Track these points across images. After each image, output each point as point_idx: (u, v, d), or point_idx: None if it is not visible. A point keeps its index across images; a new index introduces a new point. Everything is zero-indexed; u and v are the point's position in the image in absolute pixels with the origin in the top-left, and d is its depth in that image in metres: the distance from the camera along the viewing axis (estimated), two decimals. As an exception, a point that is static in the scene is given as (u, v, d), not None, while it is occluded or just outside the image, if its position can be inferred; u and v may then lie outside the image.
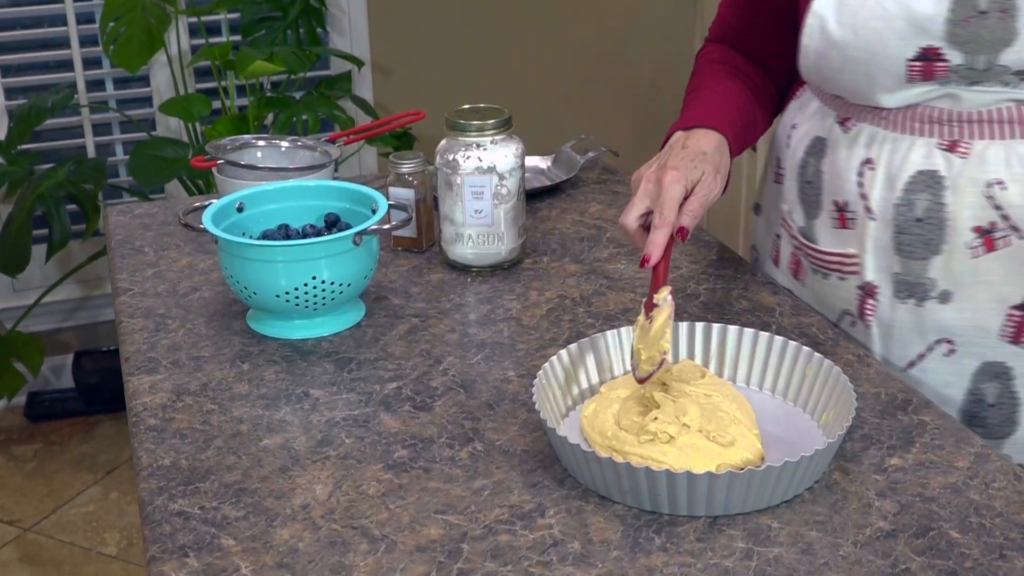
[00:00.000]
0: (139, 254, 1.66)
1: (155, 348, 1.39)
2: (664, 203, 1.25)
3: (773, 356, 1.25)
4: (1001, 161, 1.26)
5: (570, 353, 1.24)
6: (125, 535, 2.83)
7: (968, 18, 1.22)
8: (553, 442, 1.13)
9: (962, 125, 1.28)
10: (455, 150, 1.53)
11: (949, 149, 1.28)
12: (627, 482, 1.06)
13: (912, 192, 1.30)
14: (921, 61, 1.25)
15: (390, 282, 1.55)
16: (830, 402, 1.19)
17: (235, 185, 1.66)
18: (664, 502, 1.06)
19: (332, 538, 1.05)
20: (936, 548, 1.03)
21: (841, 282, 1.40)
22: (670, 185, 1.26)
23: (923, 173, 1.30)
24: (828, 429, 1.17)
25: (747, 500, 1.06)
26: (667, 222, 1.24)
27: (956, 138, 1.28)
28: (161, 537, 1.06)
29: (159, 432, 1.22)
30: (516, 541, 1.04)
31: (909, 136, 1.31)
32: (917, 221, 1.31)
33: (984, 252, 1.29)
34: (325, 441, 1.20)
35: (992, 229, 1.28)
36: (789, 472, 1.06)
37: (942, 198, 1.29)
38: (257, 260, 1.37)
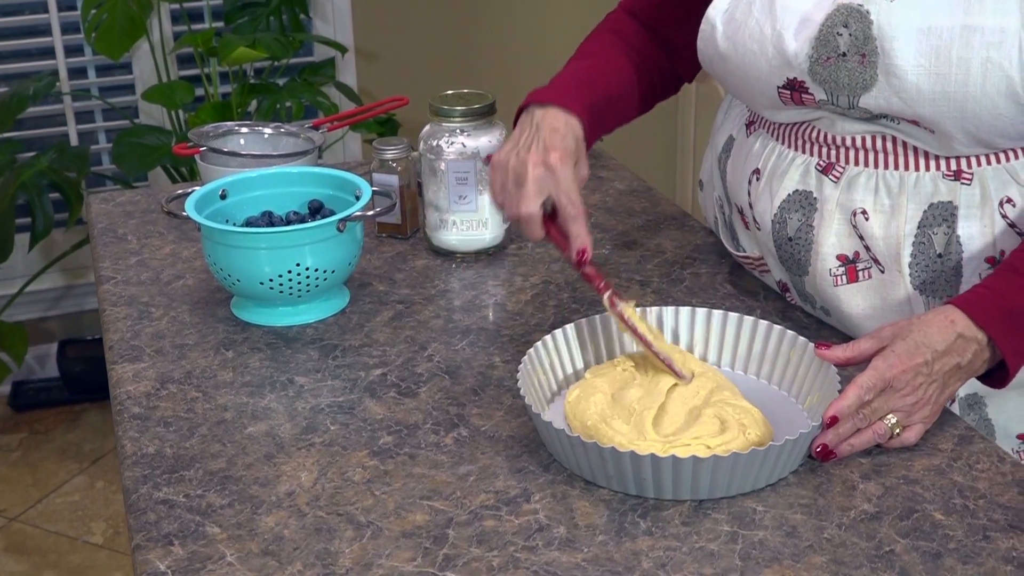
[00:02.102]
0: (122, 242, 1.65)
1: (139, 336, 1.39)
2: (570, 189, 1.25)
3: (757, 340, 1.26)
4: (868, 190, 1.24)
5: (555, 338, 1.24)
6: (111, 524, 2.82)
7: (828, 58, 1.20)
8: (538, 427, 1.13)
9: (838, 149, 1.26)
10: (439, 136, 1.53)
11: (824, 171, 1.27)
12: (612, 467, 1.07)
13: (786, 210, 1.30)
14: (789, 90, 1.24)
15: (374, 268, 1.55)
16: (814, 386, 1.19)
17: (218, 172, 1.65)
18: (649, 486, 1.07)
19: (318, 525, 1.05)
20: (920, 530, 1.03)
21: (765, 277, 1.43)
22: (563, 169, 1.25)
23: (799, 193, 1.29)
24: (813, 412, 1.18)
25: (732, 484, 1.06)
26: (581, 209, 1.24)
27: (832, 160, 1.26)
28: (146, 525, 1.06)
29: (143, 420, 1.22)
30: (502, 526, 1.04)
31: (792, 152, 1.30)
32: (789, 240, 1.31)
33: (846, 282, 1.28)
34: (310, 428, 1.20)
35: (855, 259, 1.27)
36: (774, 455, 1.06)
37: (811, 220, 1.28)
38: (241, 247, 1.36)
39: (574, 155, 1.28)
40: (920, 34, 1.15)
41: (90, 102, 3.20)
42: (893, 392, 1.11)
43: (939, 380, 1.12)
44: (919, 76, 1.15)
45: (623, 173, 1.86)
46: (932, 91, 1.15)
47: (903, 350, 1.11)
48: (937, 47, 1.14)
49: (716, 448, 1.09)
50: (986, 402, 1.31)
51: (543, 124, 1.30)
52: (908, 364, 1.11)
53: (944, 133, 1.18)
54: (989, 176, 1.22)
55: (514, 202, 1.27)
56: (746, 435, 1.11)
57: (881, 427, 1.12)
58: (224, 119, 2.82)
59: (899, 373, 1.10)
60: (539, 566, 1.00)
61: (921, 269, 1.24)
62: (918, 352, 1.11)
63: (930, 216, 1.23)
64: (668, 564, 1.00)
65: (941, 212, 1.23)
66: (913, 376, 1.11)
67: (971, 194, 1.22)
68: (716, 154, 1.45)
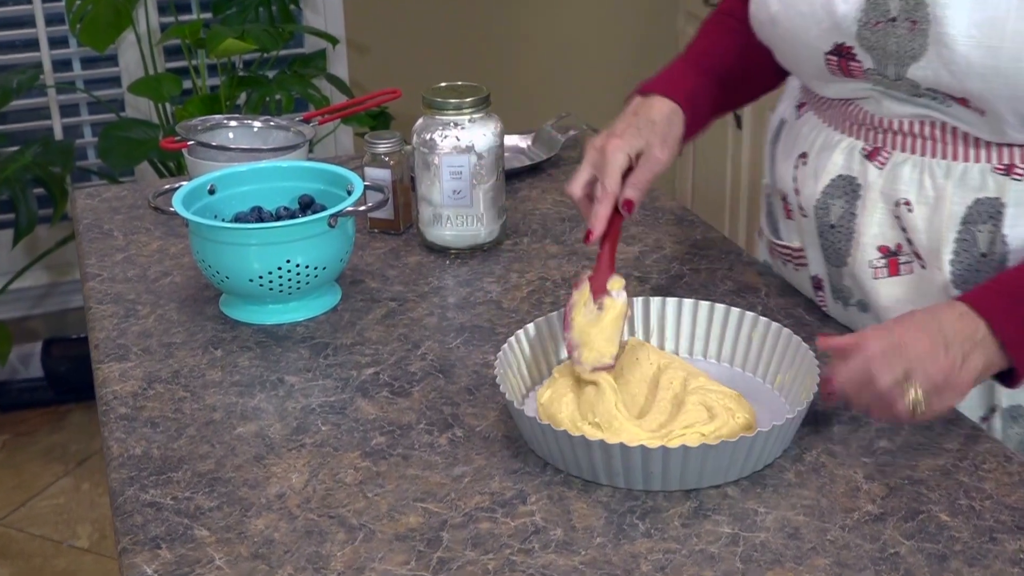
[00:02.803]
0: (108, 238, 1.65)
1: (125, 335, 1.39)
2: (606, 173, 1.25)
3: (715, 324, 1.28)
4: (913, 179, 1.22)
5: (538, 327, 1.25)
6: (97, 527, 2.82)
7: (878, 23, 1.17)
8: (521, 425, 1.14)
9: (884, 133, 1.24)
10: (432, 129, 1.53)
11: (869, 157, 1.25)
12: (600, 459, 1.07)
13: (830, 196, 1.29)
14: (836, 56, 1.22)
15: (366, 265, 1.55)
16: (783, 364, 1.21)
17: (206, 167, 1.65)
18: (657, 480, 1.08)
19: (309, 528, 1.05)
20: (925, 531, 1.03)
21: (796, 272, 1.42)
22: (612, 153, 1.25)
23: (843, 178, 1.27)
24: (786, 390, 1.20)
25: (731, 469, 1.08)
26: (608, 193, 1.24)
27: (879, 145, 1.24)
28: (133, 528, 1.06)
29: (130, 421, 1.22)
30: (497, 529, 1.04)
31: (839, 134, 1.28)
32: (831, 227, 1.30)
33: (887, 275, 1.26)
34: (301, 428, 1.20)
35: (897, 251, 1.25)
36: (775, 435, 1.08)
37: (854, 207, 1.27)
38: (229, 243, 1.36)
39: (639, 141, 1.27)
40: (975, 2, 1.11)
41: (75, 95, 3.20)
42: (907, 349, 1.08)
43: (958, 344, 1.08)
44: (969, 48, 1.12)
45: (621, 167, 1.86)
46: (983, 65, 1.12)
47: (905, 319, 1.11)
48: (992, 18, 1.10)
49: (710, 435, 1.10)
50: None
51: (639, 110, 1.32)
52: (912, 325, 1.09)
53: (994, 113, 1.14)
54: None
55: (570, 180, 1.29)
56: (735, 419, 1.13)
57: (900, 401, 1.08)
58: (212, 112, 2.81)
59: (904, 331, 1.09)
60: (535, 569, 1.00)
61: (963, 267, 1.21)
62: (924, 320, 1.10)
63: (975, 212, 1.19)
64: (667, 567, 1.00)
65: (987, 208, 1.19)
66: (924, 333, 1.08)
67: (1021, 191, 1.18)
68: (768, 140, 1.45)
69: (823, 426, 1.17)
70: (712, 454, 1.06)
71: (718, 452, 1.06)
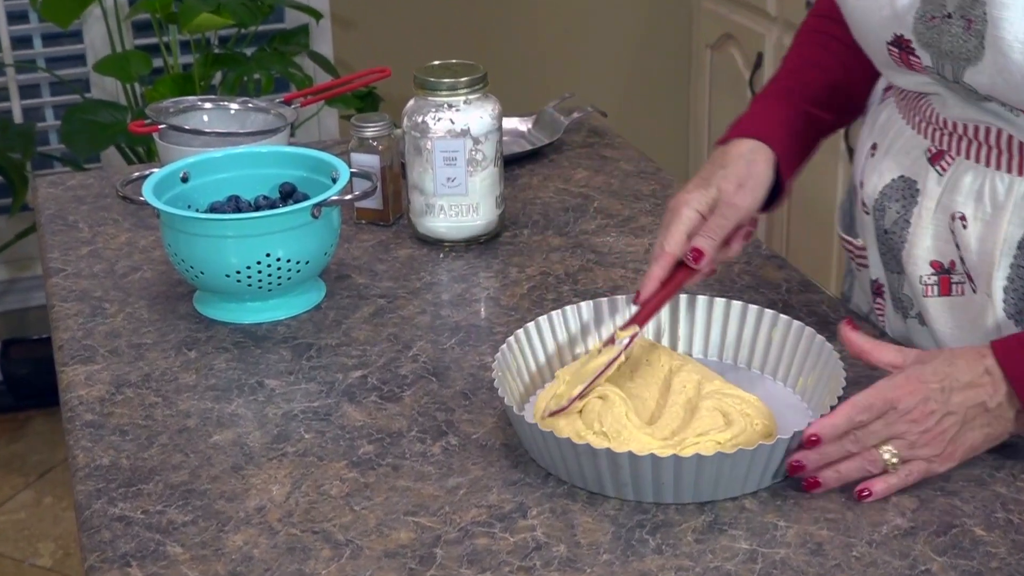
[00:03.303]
0: (72, 230, 1.65)
1: (91, 335, 1.39)
2: (668, 231, 1.24)
3: (732, 323, 1.28)
4: (972, 193, 1.20)
5: (538, 326, 1.26)
6: (61, 544, 2.82)
7: (933, 17, 1.15)
8: (517, 427, 1.15)
9: (950, 136, 1.22)
10: (424, 111, 1.53)
11: (932, 160, 1.24)
12: (607, 469, 1.08)
13: (888, 197, 1.28)
14: (896, 48, 1.20)
15: (353, 259, 1.55)
16: (805, 366, 1.22)
17: (179, 152, 1.65)
18: (669, 491, 1.08)
19: (291, 544, 1.06)
20: (959, 547, 1.03)
21: (860, 274, 1.41)
22: (678, 209, 1.25)
23: (903, 179, 1.26)
24: (809, 395, 1.20)
25: (748, 480, 1.08)
26: (665, 252, 1.23)
27: (943, 148, 1.23)
28: (100, 545, 1.06)
29: (97, 428, 1.22)
30: (495, 545, 1.05)
31: (909, 129, 1.27)
32: (885, 232, 1.29)
33: (937, 293, 1.25)
34: (282, 436, 1.20)
35: (951, 269, 1.23)
36: (781, 451, 1.08)
37: (909, 214, 1.26)
38: (204, 236, 1.36)
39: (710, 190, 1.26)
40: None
41: (36, 75, 3.20)
42: (897, 415, 1.07)
43: (958, 414, 1.08)
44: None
45: (629, 152, 1.87)
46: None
47: (916, 372, 1.09)
48: None
49: (727, 444, 1.10)
50: None
51: (714, 157, 1.31)
52: (918, 386, 1.07)
53: None
54: None
55: None
56: (753, 426, 1.13)
57: (874, 455, 1.08)
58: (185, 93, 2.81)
59: (905, 394, 1.07)
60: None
61: (1016, 296, 1.18)
62: (934, 377, 1.08)
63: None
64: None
65: None
66: (923, 400, 1.07)
67: None
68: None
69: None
70: (728, 464, 1.06)
71: (735, 462, 1.06)
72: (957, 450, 1.10)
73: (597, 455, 1.07)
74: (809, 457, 1.08)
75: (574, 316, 1.28)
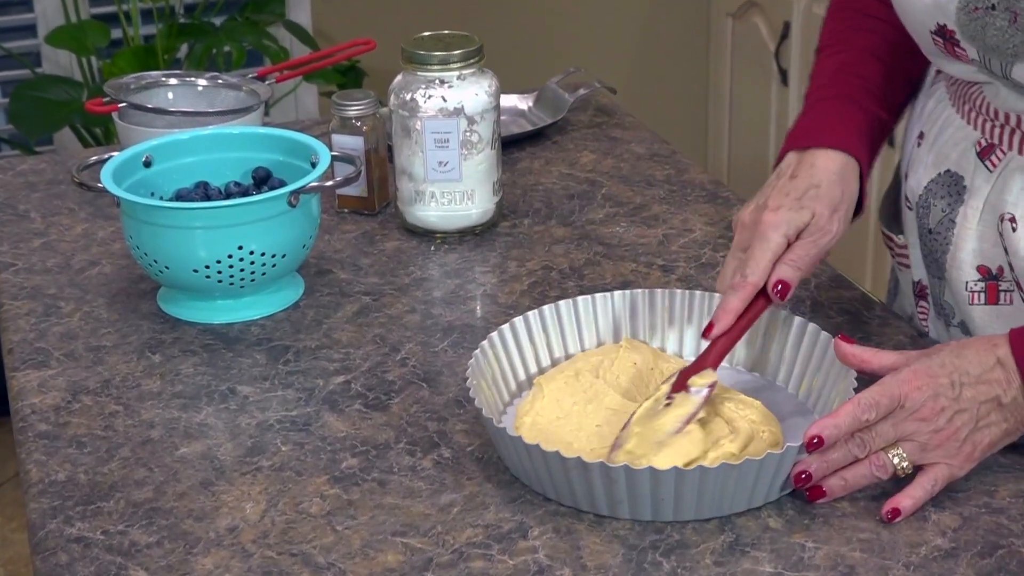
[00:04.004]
0: (23, 220, 1.66)
1: (45, 337, 1.40)
2: (752, 257, 1.22)
3: None
4: (1023, 192, 1.21)
5: (527, 321, 1.27)
6: (11, 569, 2.83)
7: (976, 8, 1.16)
8: (496, 441, 1.16)
9: (1002, 129, 1.23)
10: (413, 88, 1.53)
11: (982, 155, 1.24)
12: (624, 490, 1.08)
13: (933, 193, 1.29)
14: (941, 38, 1.21)
15: (335, 252, 1.55)
16: (809, 366, 1.22)
17: (141, 134, 1.65)
18: (668, 507, 1.09)
19: (266, 567, 1.06)
20: (1006, 570, 1.04)
21: (902, 274, 1.41)
22: (765, 233, 1.22)
23: (950, 174, 1.27)
24: (815, 399, 1.21)
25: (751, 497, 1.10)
26: (748, 283, 1.21)
27: (994, 141, 1.23)
28: (56, 569, 1.06)
29: (52, 440, 1.23)
30: (493, 568, 1.05)
31: (959, 118, 1.28)
32: (929, 232, 1.29)
33: (984, 301, 1.25)
34: (256, 449, 1.21)
35: (999, 276, 1.24)
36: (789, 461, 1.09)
37: (955, 213, 1.26)
38: (170, 227, 1.37)
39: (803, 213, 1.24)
40: None
41: (-19, 47, 3.20)
42: (905, 413, 1.08)
43: (971, 411, 1.08)
44: None
45: (642, 133, 1.87)
46: None
47: (923, 366, 1.09)
48: None
49: (740, 454, 1.11)
50: None
51: (799, 171, 1.27)
52: (926, 380, 1.08)
53: None
54: None
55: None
56: (761, 435, 1.14)
57: (881, 459, 1.09)
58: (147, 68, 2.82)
59: (912, 390, 1.08)
60: (539, 616, 1.01)
61: None
62: (943, 371, 1.09)
63: None
64: (697, 613, 1.01)
65: None
66: (933, 396, 1.08)
67: None
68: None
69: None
70: (734, 476, 1.07)
71: (742, 474, 1.07)
72: (975, 450, 1.10)
73: (589, 470, 1.07)
74: (814, 464, 1.09)
75: (552, 316, 1.29)
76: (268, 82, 1.79)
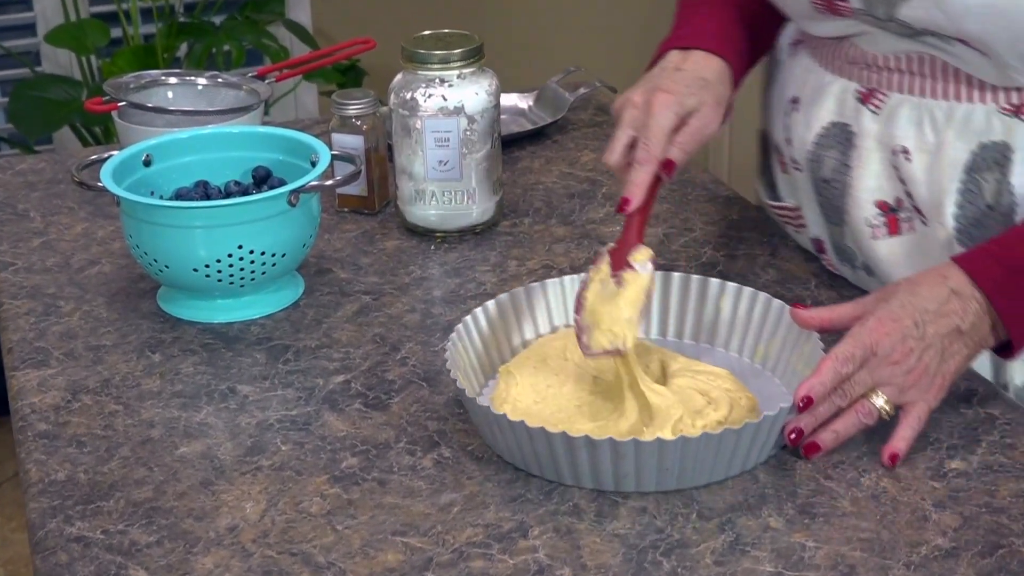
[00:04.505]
0: (23, 220, 1.66)
1: (44, 336, 1.40)
2: (651, 132, 1.26)
3: (673, 296, 1.33)
4: (911, 123, 1.29)
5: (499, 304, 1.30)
6: (11, 569, 2.83)
7: None
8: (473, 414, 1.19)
9: (880, 72, 1.31)
10: (413, 87, 1.54)
11: (864, 100, 1.32)
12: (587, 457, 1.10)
13: (822, 146, 1.36)
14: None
15: (335, 251, 1.56)
16: (763, 333, 1.27)
17: (141, 133, 1.66)
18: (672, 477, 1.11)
19: (266, 567, 1.06)
20: (1007, 569, 1.04)
21: (799, 237, 1.49)
22: (660, 111, 1.27)
23: (836, 125, 1.34)
24: (773, 363, 1.26)
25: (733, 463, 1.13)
26: (653, 157, 1.26)
27: (874, 86, 1.31)
28: (56, 569, 1.06)
29: (51, 440, 1.23)
30: (493, 568, 1.05)
31: (831, 75, 1.36)
32: (825, 182, 1.37)
33: (886, 234, 1.34)
34: (256, 448, 1.21)
35: (897, 207, 1.32)
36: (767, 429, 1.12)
37: (848, 159, 1.34)
38: (169, 226, 1.37)
39: (689, 99, 1.30)
40: None
41: (-19, 46, 3.20)
42: (879, 360, 1.14)
43: (936, 345, 1.15)
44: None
45: (641, 132, 1.87)
46: (979, 3, 1.17)
47: (886, 312, 1.15)
48: None
49: (727, 422, 1.15)
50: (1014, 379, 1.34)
51: (684, 66, 1.34)
52: (892, 327, 1.14)
53: (997, 57, 1.21)
54: None
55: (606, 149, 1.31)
56: (740, 402, 1.19)
57: (866, 406, 1.15)
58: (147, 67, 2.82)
59: (882, 336, 1.14)
60: (539, 616, 1.01)
61: (968, 222, 1.27)
62: (904, 313, 1.15)
63: (980, 158, 1.26)
64: (697, 613, 1.01)
65: (993, 154, 1.26)
66: (901, 340, 1.14)
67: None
68: (763, 81, 1.50)
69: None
70: (734, 441, 1.11)
71: (741, 438, 1.11)
72: (945, 381, 1.17)
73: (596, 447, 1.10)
74: (804, 421, 1.13)
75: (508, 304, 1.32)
76: (268, 81, 1.79)
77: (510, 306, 1.31)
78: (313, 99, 3.40)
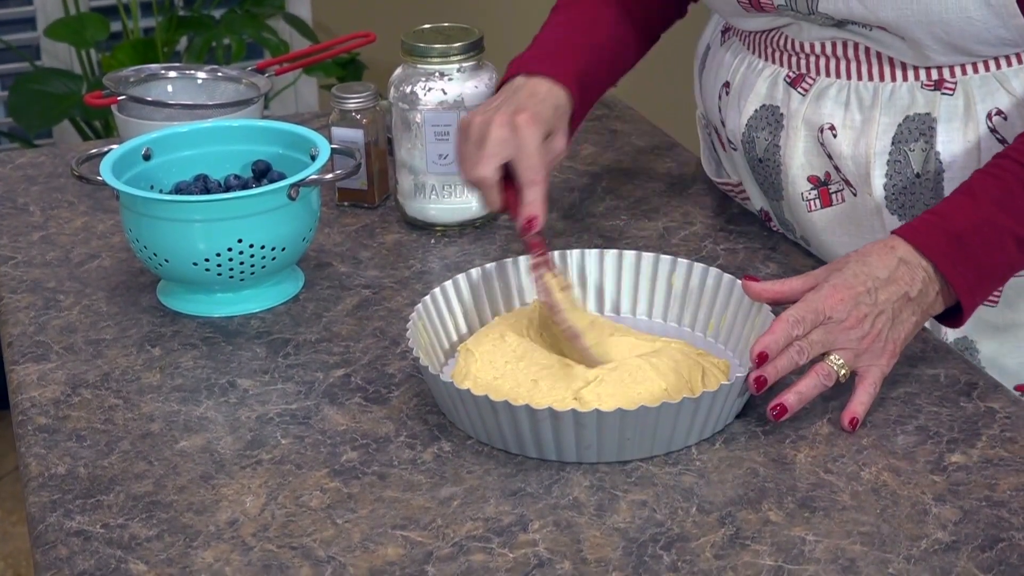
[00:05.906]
0: (22, 214, 1.66)
1: (44, 330, 1.40)
2: (531, 154, 1.32)
3: (626, 274, 1.36)
4: (839, 103, 1.37)
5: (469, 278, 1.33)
6: (11, 563, 2.83)
7: None
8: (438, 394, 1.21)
9: (807, 58, 1.38)
10: (413, 81, 1.53)
11: (793, 84, 1.40)
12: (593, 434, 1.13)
13: (754, 128, 1.44)
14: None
15: (334, 245, 1.56)
16: (715, 308, 1.31)
17: (140, 127, 1.65)
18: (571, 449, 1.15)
19: (266, 560, 1.06)
20: (1006, 563, 1.04)
21: (746, 205, 1.56)
22: (529, 130, 1.32)
23: (766, 108, 1.43)
24: (725, 336, 1.31)
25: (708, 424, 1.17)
26: (541, 176, 1.32)
27: (802, 71, 1.39)
28: (56, 562, 1.07)
29: (51, 434, 1.23)
30: (493, 561, 1.05)
31: (762, 62, 1.43)
32: (759, 161, 1.45)
33: (820, 206, 1.42)
34: (256, 442, 1.21)
35: (827, 181, 1.41)
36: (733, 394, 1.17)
37: (778, 138, 1.42)
38: (169, 220, 1.37)
39: (548, 123, 1.36)
40: None
41: (-20, 40, 3.20)
42: (833, 324, 1.19)
43: (887, 311, 1.20)
44: None
45: (642, 126, 1.87)
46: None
47: (840, 280, 1.20)
48: None
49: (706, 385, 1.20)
50: (977, 347, 1.40)
51: (522, 89, 1.38)
52: (846, 293, 1.19)
53: (914, 40, 1.29)
54: (975, 85, 1.33)
55: (471, 164, 1.33)
56: (715, 363, 1.24)
57: (825, 368, 1.19)
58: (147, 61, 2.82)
59: (836, 303, 1.18)
60: (539, 610, 1.01)
61: (897, 191, 1.36)
62: (857, 281, 1.19)
63: (905, 130, 1.35)
64: (697, 606, 1.01)
65: (918, 125, 1.34)
66: (854, 305, 1.18)
67: (953, 105, 1.33)
68: (696, 65, 1.57)
69: (883, 438, 1.18)
70: (709, 403, 1.15)
71: (716, 399, 1.16)
72: (896, 347, 1.21)
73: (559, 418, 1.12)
74: (767, 371, 1.17)
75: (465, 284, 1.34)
76: (268, 75, 1.79)
77: (468, 287, 1.34)
78: (313, 93, 3.40)
